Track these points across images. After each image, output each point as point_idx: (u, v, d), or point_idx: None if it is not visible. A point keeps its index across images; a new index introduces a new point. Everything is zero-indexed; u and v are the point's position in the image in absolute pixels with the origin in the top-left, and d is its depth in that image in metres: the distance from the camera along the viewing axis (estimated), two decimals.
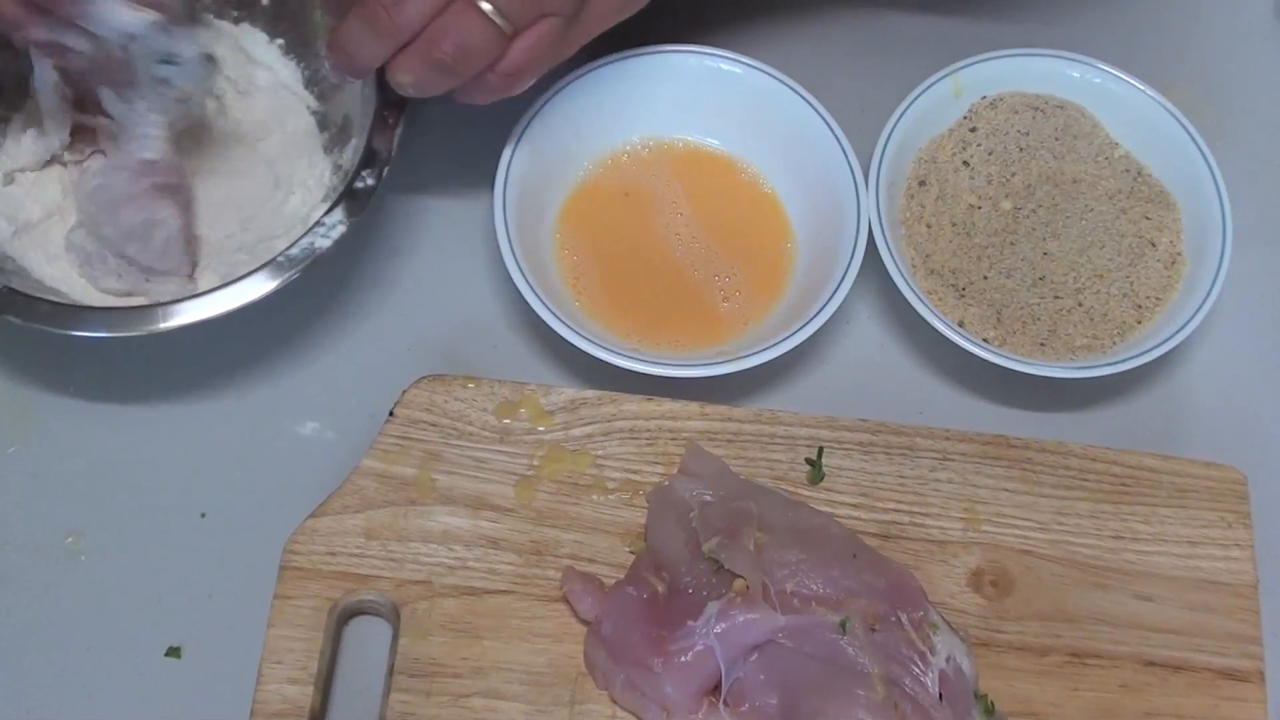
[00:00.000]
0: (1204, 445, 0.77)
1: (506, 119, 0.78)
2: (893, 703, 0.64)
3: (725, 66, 0.81)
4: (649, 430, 0.73)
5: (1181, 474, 0.74)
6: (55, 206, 0.78)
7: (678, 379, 0.74)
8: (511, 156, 0.77)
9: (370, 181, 0.73)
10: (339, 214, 0.72)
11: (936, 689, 0.66)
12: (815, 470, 0.73)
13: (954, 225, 0.81)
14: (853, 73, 0.87)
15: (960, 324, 0.77)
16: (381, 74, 0.71)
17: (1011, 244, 0.80)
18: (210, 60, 0.76)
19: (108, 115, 0.73)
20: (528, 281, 0.74)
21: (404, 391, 0.73)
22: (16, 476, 0.74)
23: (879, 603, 0.67)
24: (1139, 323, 0.78)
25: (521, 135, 0.78)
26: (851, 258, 0.76)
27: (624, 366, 0.73)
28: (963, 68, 0.82)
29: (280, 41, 0.82)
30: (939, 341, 0.76)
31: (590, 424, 0.73)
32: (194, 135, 0.81)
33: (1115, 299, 0.79)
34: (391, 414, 0.73)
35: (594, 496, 0.72)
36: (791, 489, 0.72)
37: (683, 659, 0.66)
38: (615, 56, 0.81)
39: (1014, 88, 0.84)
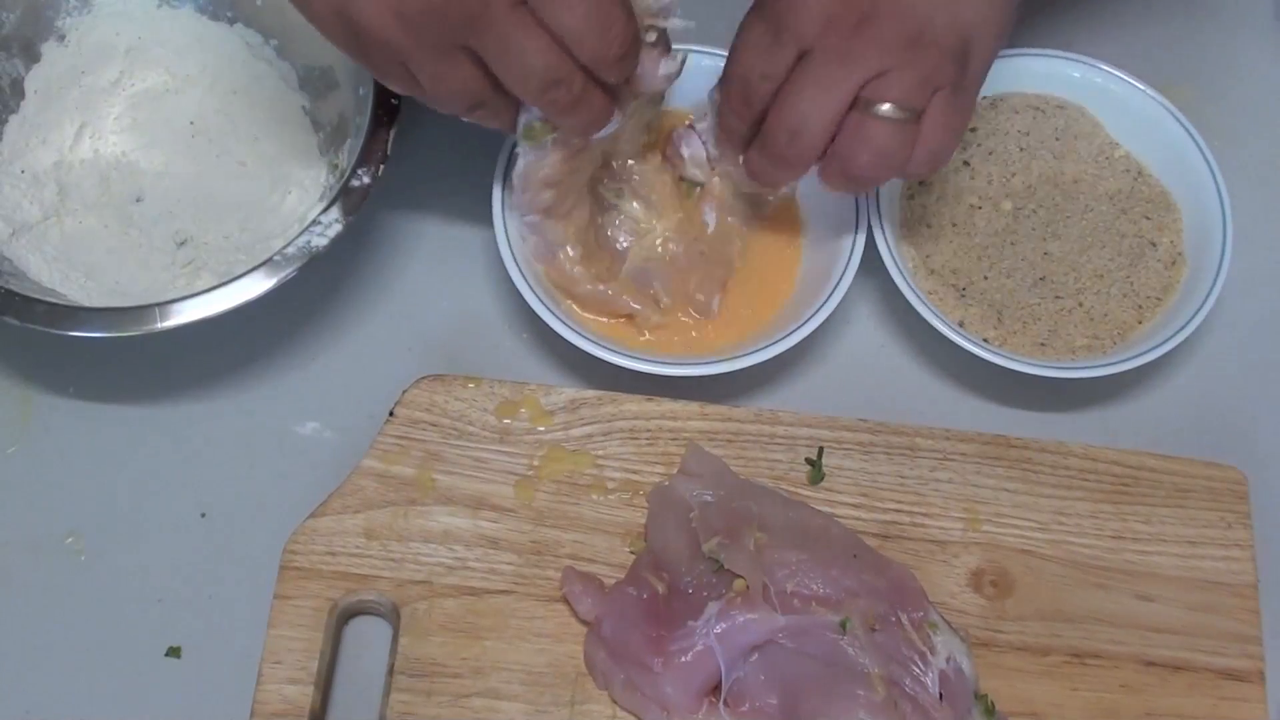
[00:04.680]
0: (1204, 445, 0.77)
1: None
2: (893, 703, 0.64)
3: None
4: (649, 430, 0.73)
5: (1181, 474, 0.74)
6: (53, 208, 0.78)
7: (678, 379, 0.74)
8: (510, 155, 0.77)
9: (366, 180, 0.74)
10: (335, 213, 0.73)
11: (937, 689, 0.66)
12: (815, 470, 0.73)
13: (954, 225, 0.81)
14: None
15: (960, 324, 0.77)
16: None
17: (1012, 244, 0.80)
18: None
19: None
20: (527, 281, 0.74)
21: (404, 391, 0.73)
22: (16, 476, 0.74)
23: (879, 603, 0.67)
24: (1139, 323, 0.78)
25: None
26: (851, 257, 0.76)
27: (624, 366, 0.73)
28: None
29: (275, 42, 0.82)
30: (939, 341, 0.76)
31: (590, 424, 0.73)
32: (190, 136, 0.81)
33: (1115, 299, 0.79)
34: (391, 414, 0.73)
35: (594, 496, 0.72)
36: (791, 489, 0.72)
37: (683, 659, 0.66)
38: None
39: (1014, 88, 0.84)
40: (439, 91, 0.65)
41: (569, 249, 0.75)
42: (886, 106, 0.66)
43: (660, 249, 0.77)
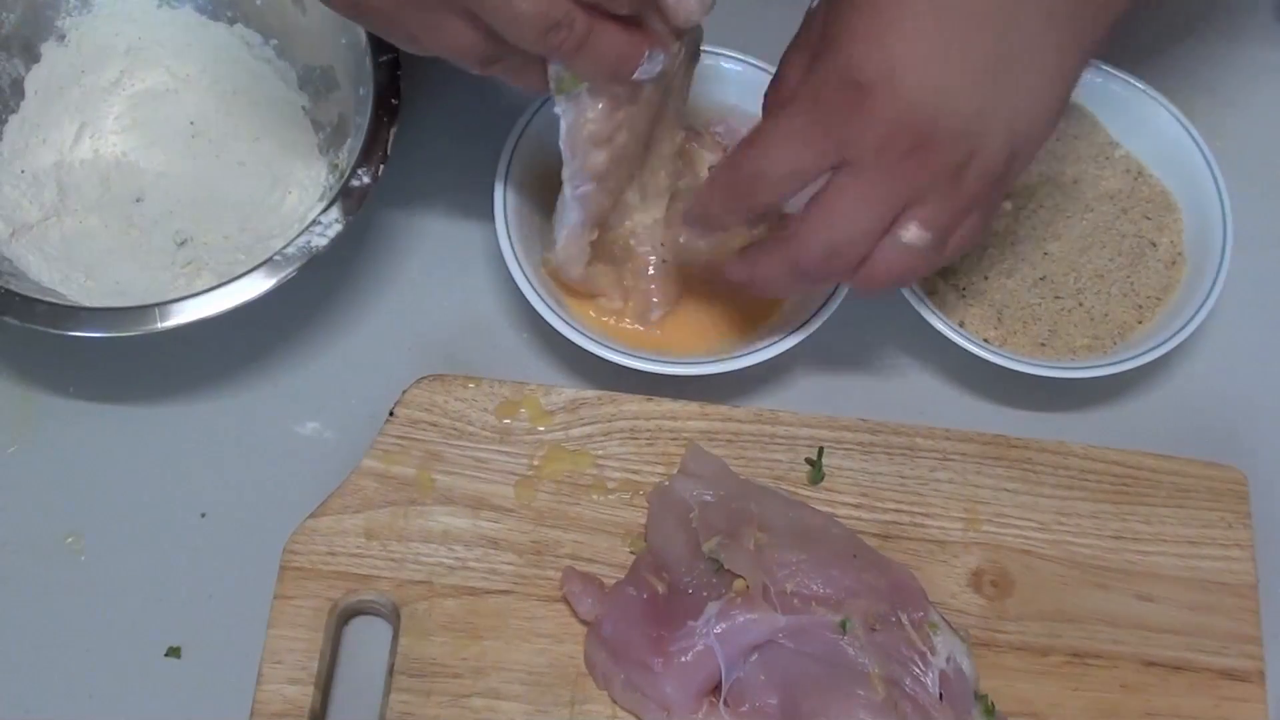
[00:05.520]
0: (1204, 445, 0.77)
1: (506, 117, 0.78)
2: (893, 703, 0.64)
3: (726, 65, 0.81)
4: (649, 430, 0.73)
5: (1181, 474, 0.74)
6: (53, 208, 0.78)
7: (677, 378, 0.74)
8: (511, 154, 0.77)
9: (366, 180, 0.74)
10: (335, 213, 0.73)
11: (937, 689, 0.66)
12: (815, 470, 0.73)
13: None
14: None
15: (961, 324, 0.77)
16: (378, 74, 0.71)
17: (1012, 244, 0.80)
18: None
19: None
20: (528, 280, 0.74)
21: (404, 391, 0.73)
22: (16, 476, 0.74)
23: (879, 603, 0.67)
24: (1139, 323, 0.78)
25: (522, 133, 0.78)
26: None
27: (625, 365, 0.73)
28: None
29: (275, 42, 0.82)
30: (939, 341, 0.76)
31: (590, 424, 0.73)
32: (190, 136, 0.81)
33: (1116, 299, 0.79)
34: (391, 414, 0.73)
35: (594, 496, 0.72)
36: (791, 489, 0.72)
37: (683, 659, 0.66)
38: None
39: None
40: (440, 49, 0.61)
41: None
42: (918, 234, 0.64)
43: (630, 242, 0.75)
